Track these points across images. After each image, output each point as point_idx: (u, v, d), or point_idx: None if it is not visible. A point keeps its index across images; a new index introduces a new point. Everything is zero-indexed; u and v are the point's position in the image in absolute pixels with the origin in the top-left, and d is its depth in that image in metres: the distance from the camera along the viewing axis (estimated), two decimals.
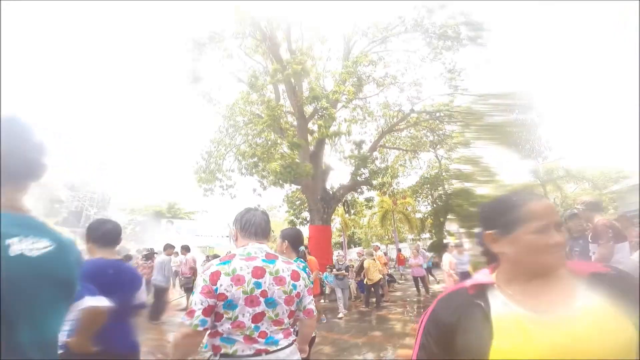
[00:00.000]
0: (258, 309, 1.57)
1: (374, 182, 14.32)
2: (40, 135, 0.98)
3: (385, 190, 15.10)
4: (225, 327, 1.54)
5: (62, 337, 1.82)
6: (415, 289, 11.02)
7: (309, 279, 1.91)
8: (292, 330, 1.76)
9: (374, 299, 9.46)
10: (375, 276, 8.92)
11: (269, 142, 13.91)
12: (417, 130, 18.45)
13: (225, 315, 1.53)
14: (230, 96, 15.80)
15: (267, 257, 1.71)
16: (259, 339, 1.55)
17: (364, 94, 16.30)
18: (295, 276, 1.73)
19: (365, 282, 9.06)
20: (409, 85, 15.75)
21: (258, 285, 1.59)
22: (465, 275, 8.36)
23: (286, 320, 1.67)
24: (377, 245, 10.70)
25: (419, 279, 10.52)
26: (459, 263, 8.13)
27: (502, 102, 14.75)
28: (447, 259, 7.93)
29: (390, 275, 11.38)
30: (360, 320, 7.63)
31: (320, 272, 10.64)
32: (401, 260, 17.61)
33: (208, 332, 1.58)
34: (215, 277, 1.55)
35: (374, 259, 9.16)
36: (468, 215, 22.69)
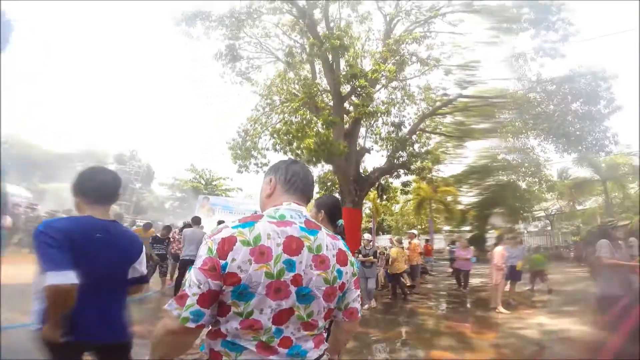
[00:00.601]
0: (285, 304, 1.01)
1: (412, 167, 13.39)
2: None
3: (425, 175, 14.00)
4: (231, 325, 1.00)
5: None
6: (449, 282, 10.08)
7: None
8: (324, 335, 1.20)
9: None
10: (401, 266, 8.18)
11: (304, 121, 13.34)
12: (465, 116, 17.07)
13: (233, 309, 0.99)
14: (268, 75, 15.38)
15: (307, 226, 1.12)
16: (280, 349, 1.01)
17: (404, 76, 15.20)
18: (342, 258, 1.16)
19: (388, 271, 8.34)
20: (457, 68, 14.47)
21: (291, 265, 1.02)
22: (510, 270, 7.43)
23: (320, 323, 1.11)
24: (413, 233, 9.86)
25: (461, 273, 9.58)
26: (510, 257, 7.25)
27: (561, 89, 13.11)
28: (500, 251, 7.00)
29: (423, 266, 10.51)
30: (386, 312, 6.96)
31: None
32: (428, 251, 16.46)
33: (206, 330, 1.04)
34: (227, 245, 0.99)
35: (402, 247, 8.39)
36: (513, 210, 21.14)
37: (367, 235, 8.04)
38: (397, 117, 14.70)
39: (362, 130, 15.94)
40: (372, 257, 8.27)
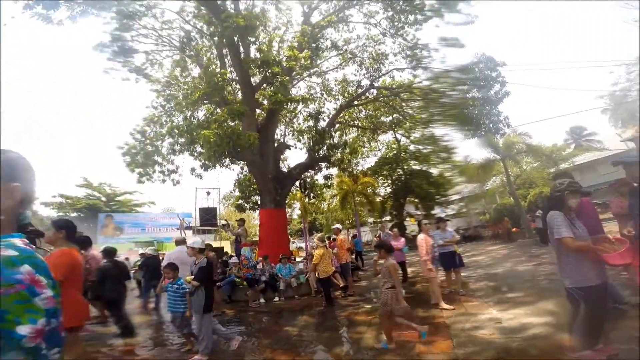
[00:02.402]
0: None
1: (332, 159, 12.46)
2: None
3: (345, 166, 13.20)
4: None
5: None
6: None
7: None
8: None
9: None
10: (328, 268, 6.91)
11: (211, 116, 11.40)
12: (375, 107, 16.93)
13: None
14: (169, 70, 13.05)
15: None
16: None
17: (320, 68, 14.36)
18: None
19: (318, 276, 7.02)
20: (368, 60, 14.14)
21: None
22: (448, 257, 6.62)
23: None
24: (338, 228, 8.63)
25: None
26: (440, 240, 6.43)
27: (461, 77, 13.44)
28: (423, 239, 6.04)
29: (353, 263, 9.40)
30: (318, 326, 5.56)
31: (272, 264, 8.49)
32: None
33: None
34: None
35: (325, 246, 7.14)
36: (427, 196, 21.82)
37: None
38: (315, 110, 13.83)
39: (282, 129, 14.85)
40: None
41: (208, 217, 17.91)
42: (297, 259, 11.46)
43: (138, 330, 5.58)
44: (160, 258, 7.79)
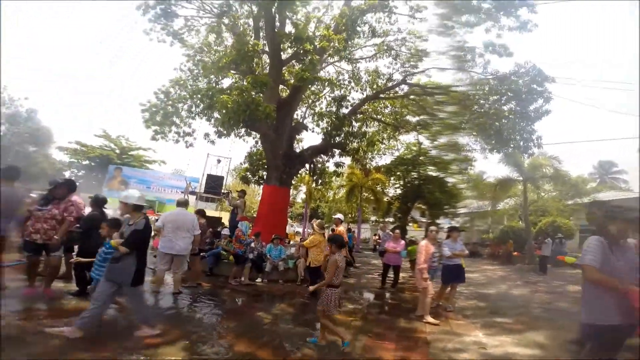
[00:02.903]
0: None
1: (348, 147, 11.97)
2: None
3: (359, 157, 12.67)
4: None
5: None
6: (372, 277, 8.80)
7: None
8: None
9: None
10: (321, 257, 6.53)
11: (234, 83, 11.02)
12: (402, 104, 16.24)
13: None
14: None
15: None
16: None
17: (353, 56, 13.63)
18: None
19: (308, 264, 6.64)
20: (405, 55, 13.33)
21: None
22: (454, 270, 6.16)
23: None
24: (339, 219, 8.16)
25: (391, 268, 8.25)
26: (449, 250, 5.99)
27: (499, 87, 12.55)
28: (424, 246, 5.59)
29: (347, 258, 8.98)
30: (294, 319, 5.23)
31: (263, 243, 8.16)
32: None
33: None
34: None
35: (323, 234, 6.71)
36: (437, 204, 21.16)
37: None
38: (339, 95, 13.22)
39: (303, 111, 14.40)
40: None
41: (214, 185, 17.73)
42: (291, 242, 11.13)
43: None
44: (153, 219, 7.50)
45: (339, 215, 8.23)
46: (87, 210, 5.36)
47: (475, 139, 17.82)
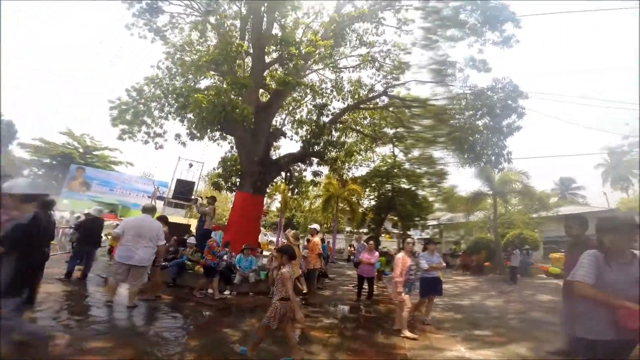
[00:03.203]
0: None
1: (326, 156, 11.70)
2: None
3: (337, 167, 12.42)
4: None
5: None
6: (347, 289, 8.42)
7: None
8: None
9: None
10: (295, 270, 6.07)
11: (213, 85, 10.55)
12: (381, 116, 16.31)
13: None
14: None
15: None
16: None
17: (337, 66, 13.54)
18: None
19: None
20: (388, 67, 13.37)
21: None
22: (431, 283, 5.93)
23: None
24: (315, 229, 7.74)
25: (365, 280, 7.91)
26: (426, 263, 5.78)
27: (476, 102, 12.81)
28: (401, 258, 5.32)
29: (322, 270, 8.51)
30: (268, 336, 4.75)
31: (233, 253, 7.61)
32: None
33: None
34: None
35: (298, 246, 6.30)
36: (408, 215, 21.29)
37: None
38: (321, 103, 13.01)
39: (283, 117, 14.06)
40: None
41: (184, 190, 16.91)
42: (264, 253, 10.59)
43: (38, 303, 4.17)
44: (109, 223, 6.78)
45: (315, 226, 7.82)
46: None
47: (449, 153, 18.28)
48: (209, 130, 10.21)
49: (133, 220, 5.47)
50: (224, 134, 12.25)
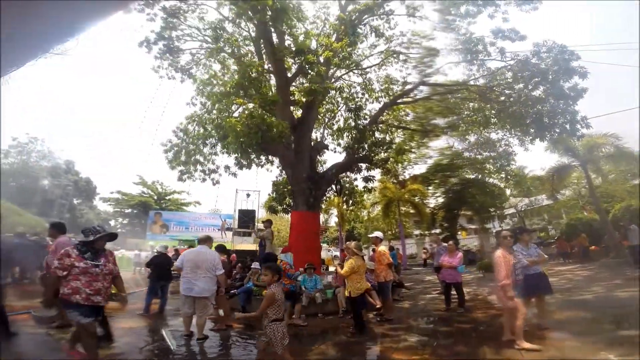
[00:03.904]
0: None
1: (375, 158, 10.84)
2: None
3: (390, 167, 11.43)
4: None
5: None
6: (432, 297, 7.29)
7: None
8: None
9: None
10: (361, 285, 5.21)
11: (244, 110, 10.53)
12: (425, 107, 15.07)
13: None
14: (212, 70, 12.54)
15: None
16: None
17: (361, 67, 12.83)
18: None
19: (349, 294, 5.28)
20: (416, 56, 12.35)
21: None
22: (536, 280, 4.68)
23: None
24: (378, 237, 6.56)
25: (451, 286, 6.68)
26: (524, 258, 4.51)
27: (523, 72, 11.17)
28: (500, 255, 4.18)
29: (395, 281, 7.37)
30: None
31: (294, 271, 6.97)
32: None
33: None
34: None
35: (362, 257, 5.41)
36: (482, 207, 19.07)
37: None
38: (355, 105, 12.32)
39: (321, 132, 13.63)
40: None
41: (246, 219, 17.16)
42: (330, 268, 9.86)
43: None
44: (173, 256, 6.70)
45: (377, 234, 6.80)
46: None
47: (509, 132, 16.18)
48: (252, 155, 10.03)
49: (189, 253, 5.38)
50: (269, 158, 12.07)
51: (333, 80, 12.04)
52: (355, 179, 13.48)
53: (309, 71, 8.78)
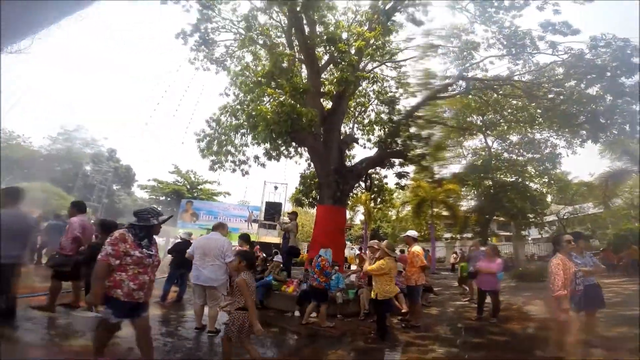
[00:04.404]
0: None
1: (410, 154, 10.22)
2: None
3: (426, 165, 10.75)
4: None
5: None
6: (460, 304, 6.70)
7: None
8: None
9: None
10: (391, 288, 4.76)
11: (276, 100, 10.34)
12: (463, 104, 14.16)
13: None
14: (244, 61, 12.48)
15: None
16: None
17: (395, 60, 12.14)
18: None
19: (375, 297, 4.80)
20: (455, 49, 11.52)
21: None
22: (592, 292, 4.06)
23: None
24: (411, 237, 5.95)
25: (487, 293, 6.09)
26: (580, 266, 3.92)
27: (577, 68, 10.05)
28: (558, 262, 3.57)
29: (426, 285, 6.75)
30: None
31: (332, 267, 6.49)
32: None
33: None
34: None
35: (394, 257, 4.91)
36: (520, 213, 17.68)
37: None
38: (389, 97, 11.71)
39: (350, 126, 13.15)
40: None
41: (272, 211, 17.11)
42: (352, 267, 9.46)
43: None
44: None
45: (412, 232, 6.11)
46: None
47: (556, 133, 14.80)
48: (281, 146, 9.82)
49: (201, 240, 5.09)
50: (297, 150, 11.81)
51: (365, 72, 11.54)
52: (386, 176, 12.89)
53: (340, 60, 8.39)
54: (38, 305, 4.49)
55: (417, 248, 5.78)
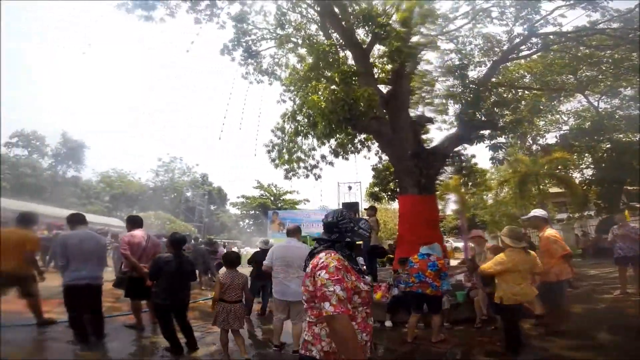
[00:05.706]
0: None
1: (501, 122, 8.37)
2: None
3: (527, 130, 8.61)
4: None
5: None
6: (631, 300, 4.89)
7: None
8: None
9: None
10: (525, 289, 3.33)
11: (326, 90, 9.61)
12: (544, 64, 11.56)
13: None
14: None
15: None
16: None
17: (448, 30, 10.15)
18: None
19: (500, 301, 3.38)
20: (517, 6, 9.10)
21: None
22: None
23: None
24: (540, 216, 4.25)
25: None
26: None
27: None
28: None
29: (569, 281, 4.79)
30: None
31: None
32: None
33: None
34: None
35: (525, 250, 3.38)
36: None
37: None
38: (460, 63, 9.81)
39: (420, 110, 11.64)
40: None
41: (351, 211, 16.35)
42: (451, 262, 7.87)
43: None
44: None
45: (538, 212, 4.41)
46: None
47: None
48: (343, 139, 8.94)
49: (279, 248, 4.36)
50: (364, 143, 10.80)
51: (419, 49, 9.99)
52: (474, 156, 10.96)
53: (385, 35, 7.45)
54: (130, 324, 4.55)
55: (550, 231, 4.14)
